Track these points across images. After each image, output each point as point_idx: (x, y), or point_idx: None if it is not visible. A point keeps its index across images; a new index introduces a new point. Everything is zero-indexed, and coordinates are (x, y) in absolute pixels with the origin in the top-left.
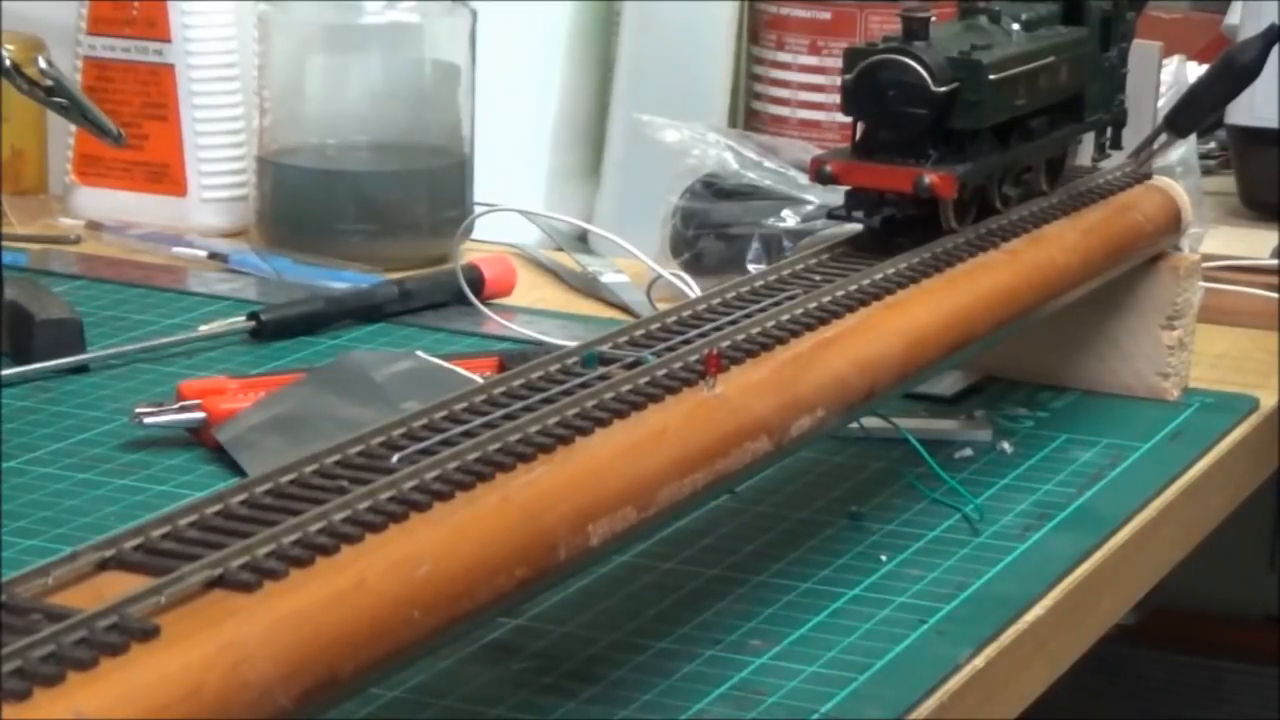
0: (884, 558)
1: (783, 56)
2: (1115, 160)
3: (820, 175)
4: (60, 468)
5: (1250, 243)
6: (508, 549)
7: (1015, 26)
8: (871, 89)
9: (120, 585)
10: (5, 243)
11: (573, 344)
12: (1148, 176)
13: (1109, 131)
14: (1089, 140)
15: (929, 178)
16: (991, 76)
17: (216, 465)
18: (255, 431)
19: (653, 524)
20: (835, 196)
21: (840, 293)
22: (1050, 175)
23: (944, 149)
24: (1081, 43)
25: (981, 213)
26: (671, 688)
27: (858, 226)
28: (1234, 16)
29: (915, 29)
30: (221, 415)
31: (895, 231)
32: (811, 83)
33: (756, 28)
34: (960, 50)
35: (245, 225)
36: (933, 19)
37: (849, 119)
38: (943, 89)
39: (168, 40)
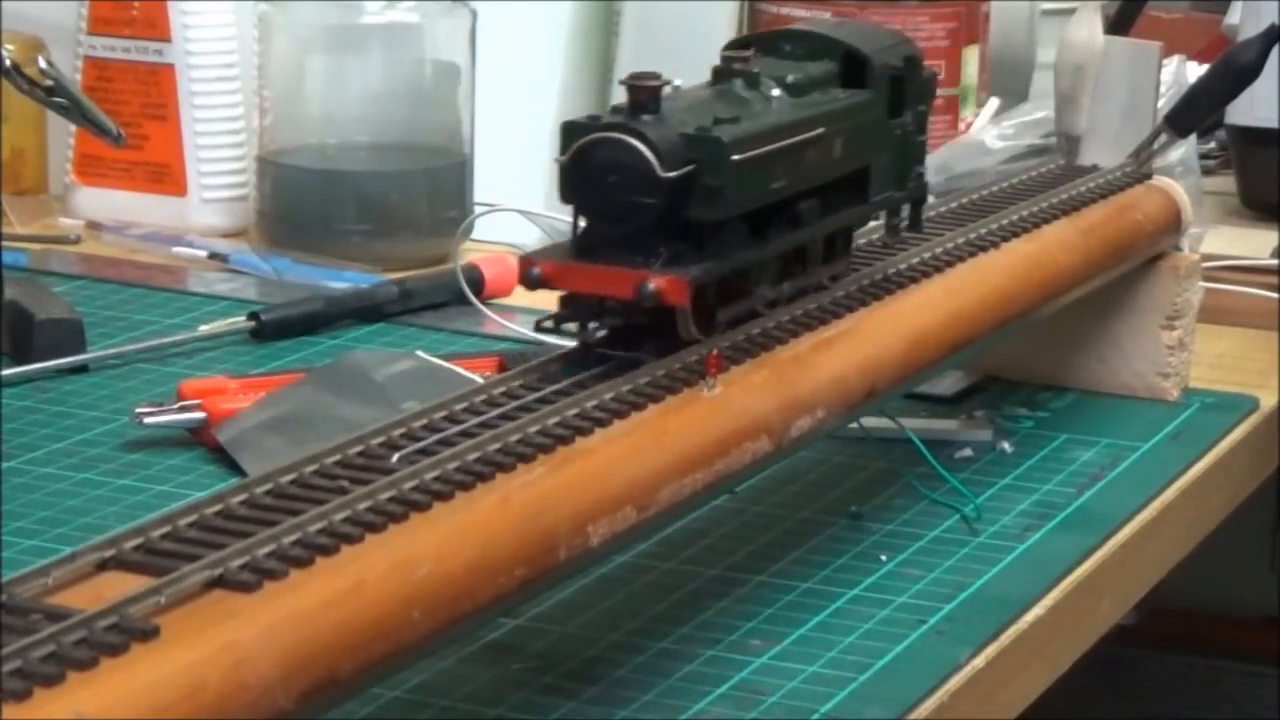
0: (884, 558)
1: None
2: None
3: (528, 279)
4: (60, 468)
5: (1250, 243)
6: (508, 549)
7: (776, 92)
8: (589, 174)
9: (120, 585)
10: (5, 243)
11: (573, 344)
12: (1148, 176)
13: (905, 209)
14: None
15: (654, 282)
16: (736, 156)
17: (216, 465)
18: (255, 431)
19: (653, 524)
20: None
21: (840, 293)
22: (832, 264)
23: (679, 245)
24: (863, 109)
25: (743, 315)
26: (671, 688)
27: None
28: (1234, 16)
29: (643, 100)
30: (221, 415)
31: (624, 343)
32: None
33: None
34: (699, 125)
35: (245, 225)
36: (672, 87)
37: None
38: (673, 173)
39: (168, 40)
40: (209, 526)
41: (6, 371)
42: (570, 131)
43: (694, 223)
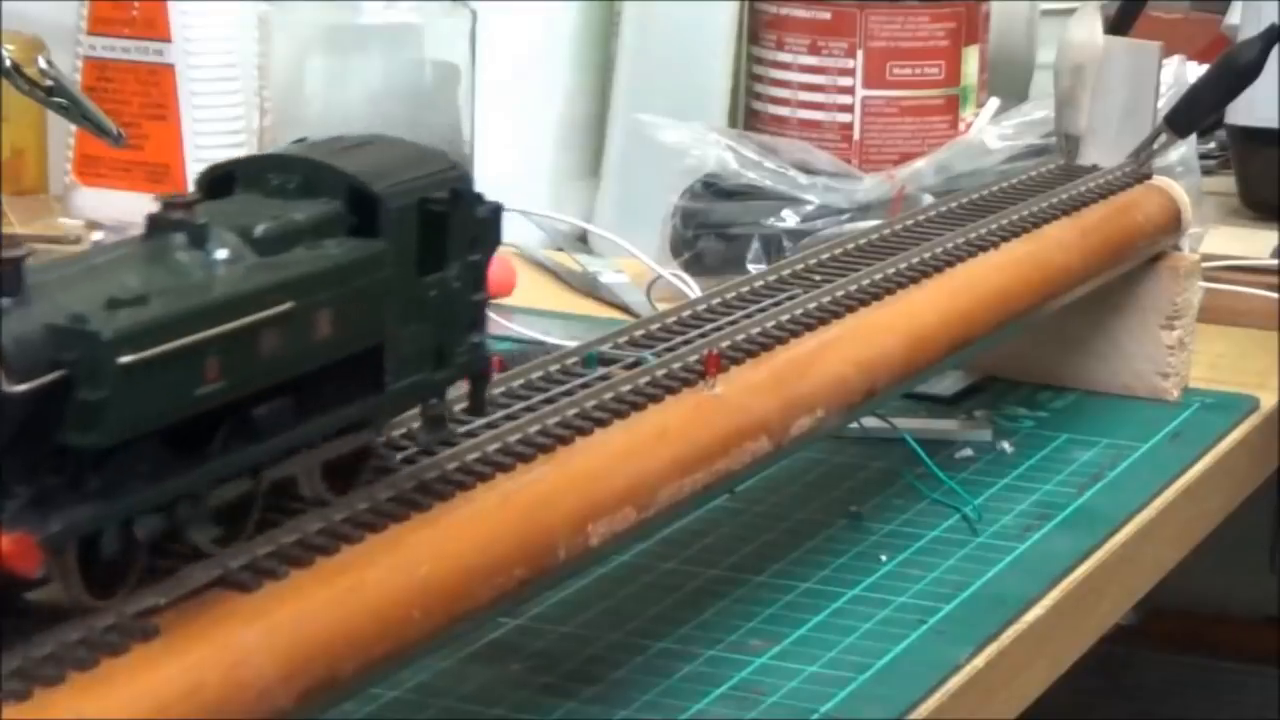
0: (884, 558)
1: (783, 56)
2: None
3: None
4: None
5: (1250, 243)
6: (508, 549)
7: (222, 253)
8: None
9: None
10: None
11: (573, 344)
12: (1148, 176)
13: (471, 389)
14: None
15: None
16: (126, 358)
17: None
18: None
19: (653, 524)
20: (837, 197)
21: (840, 293)
22: (342, 478)
23: (48, 481)
24: (368, 266)
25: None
26: (671, 688)
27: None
28: (1234, 16)
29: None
30: None
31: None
32: (811, 83)
33: (756, 28)
34: (74, 313)
35: None
36: (29, 257)
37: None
38: (25, 386)
39: (168, 40)
40: None
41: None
42: None
43: (77, 450)
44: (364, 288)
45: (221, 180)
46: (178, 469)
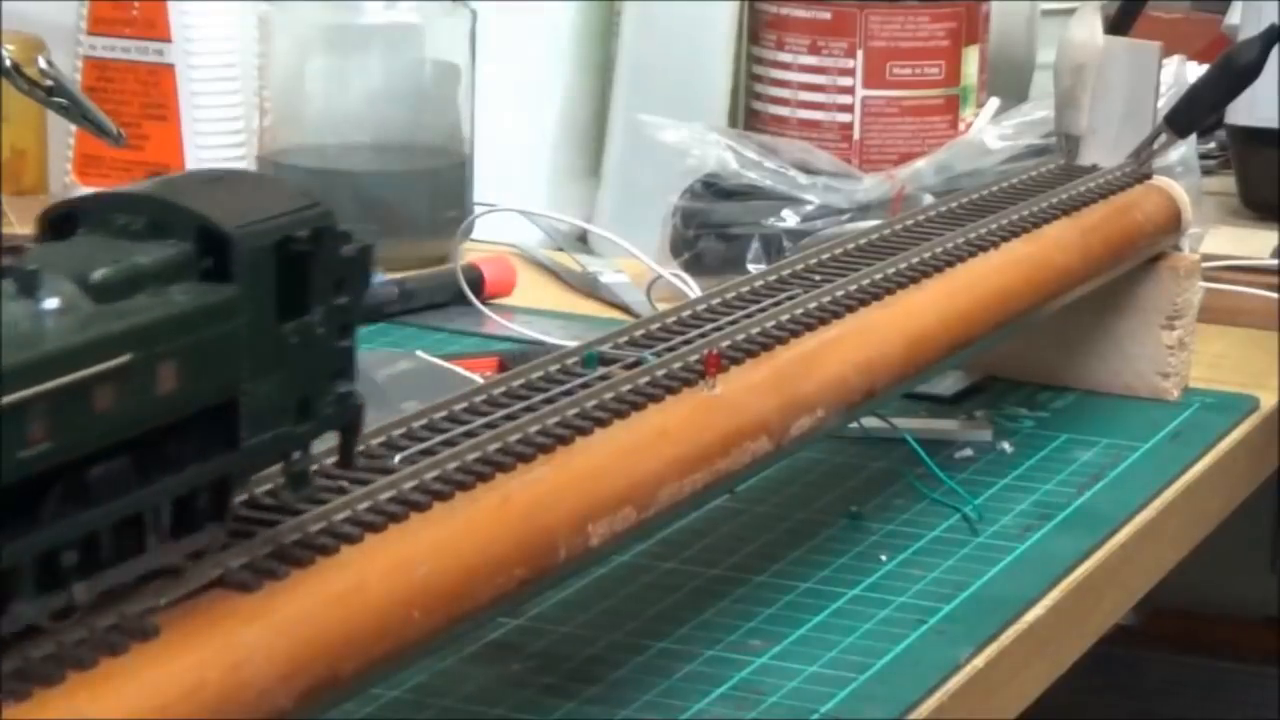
0: (884, 558)
1: (783, 56)
2: None
3: None
4: None
5: (1250, 243)
6: (508, 549)
7: (52, 303)
8: None
9: None
10: (5, 243)
11: (573, 344)
12: (1148, 176)
13: (340, 442)
14: None
15: None
16: None
17: None
18: None
19: (653, 524)
20: (837, 197)
21: (840, 293)
22: (193, 538)
23: None
24: (218, 313)
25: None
26: (671, 688)
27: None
28: (1234, 16)
29: None
30: None
31: None
32: (811, 83)
33: (756, 28)
34: None
35: None
36: None
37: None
38: None
39: (168, 40)
40: None
41: None
42: None
43: None
44: (213, 337)
45: (62, 220)
46: (2, 537)
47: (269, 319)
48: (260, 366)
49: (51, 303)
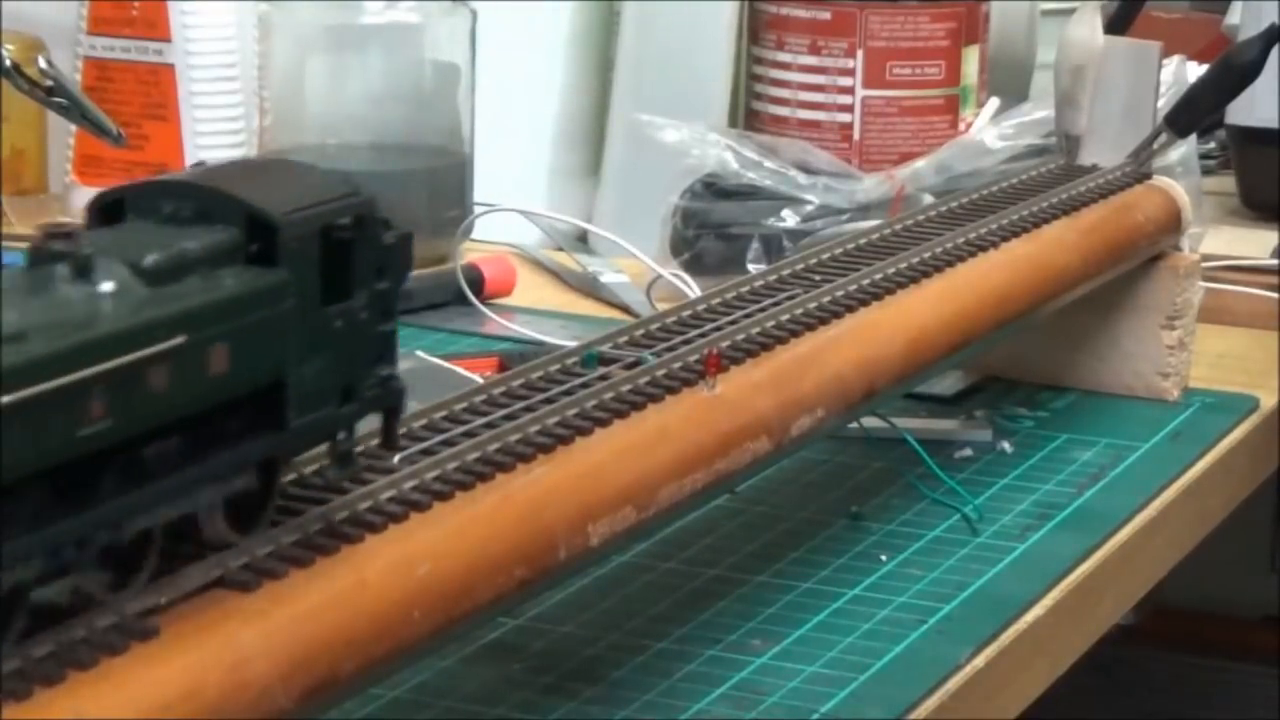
0: (884, 558)
1: (783, 56)
2: None
3: None
4: None
5: (1250, 243)
6: (508, 549)
7: (108, 285)
8: None
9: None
10: (5, 243)
11: (573, 344)
12: (1148, 176)
13: (382, 423)
14: None
15: None
16: (4, 398)
17: None
18: None
19: (653, 524)
20: (837, 197)
21: (840, 293)
22: (245, 515)
23: None
24: (267, 298)
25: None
26: (671, 688)
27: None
28: (1234, 16)
29: None
30: None
31: None
32: (811, 83)
33: (756, 28)
34: None
35: None
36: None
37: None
38: None
39: (168, 40)
40: None
41: None
42: None
43: None
44: (262, 320)
45: (111, 208)
46: (62, 513)
47: (314, 303)
48: (306, 349)
49: (107, 286)
